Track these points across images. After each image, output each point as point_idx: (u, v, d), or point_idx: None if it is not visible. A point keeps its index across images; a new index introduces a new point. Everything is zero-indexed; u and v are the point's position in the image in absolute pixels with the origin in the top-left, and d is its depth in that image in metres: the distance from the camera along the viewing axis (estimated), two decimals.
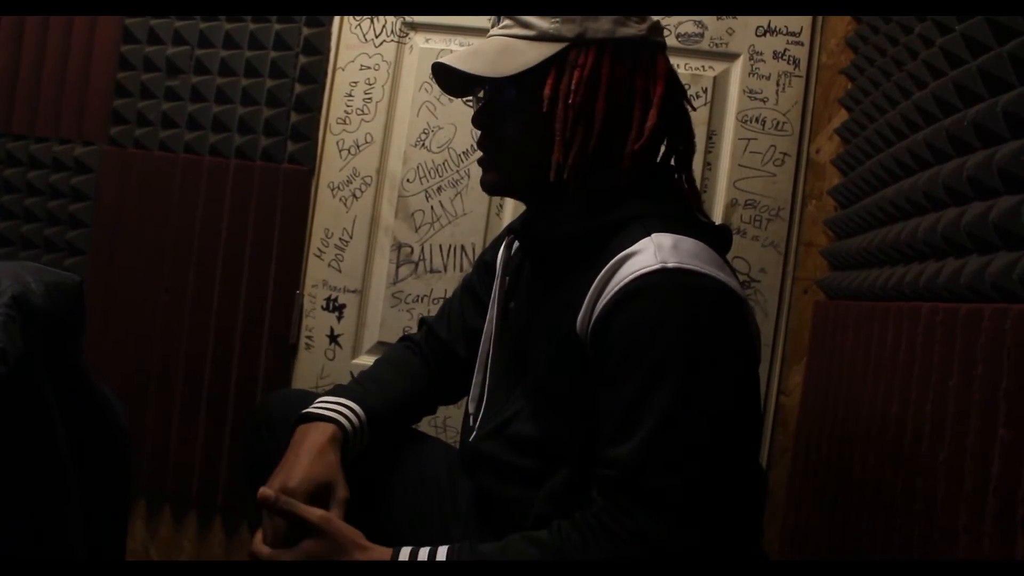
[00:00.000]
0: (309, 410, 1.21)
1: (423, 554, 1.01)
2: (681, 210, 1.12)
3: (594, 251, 1.05)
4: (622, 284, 0.97)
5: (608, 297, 0.99)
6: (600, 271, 1.01)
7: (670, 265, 0.96)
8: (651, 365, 0.94)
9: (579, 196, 1.08)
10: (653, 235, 1.00)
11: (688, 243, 1.00)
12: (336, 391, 1.27)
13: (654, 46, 1.11)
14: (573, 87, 1.06)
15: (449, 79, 1.16)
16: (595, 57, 1.07)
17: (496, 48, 1.10)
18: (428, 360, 1.40)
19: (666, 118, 1.10)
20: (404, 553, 1.01)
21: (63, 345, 1.13)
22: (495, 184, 1.17)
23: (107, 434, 1.24)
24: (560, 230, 1.11)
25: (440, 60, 1.11)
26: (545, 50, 1.07)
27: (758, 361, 1.08)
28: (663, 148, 1.15)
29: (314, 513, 1.02)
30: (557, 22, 1.07)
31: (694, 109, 1.20)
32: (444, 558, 1.00)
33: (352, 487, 1.13)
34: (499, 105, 1.13)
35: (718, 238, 1.11)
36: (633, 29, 1.09)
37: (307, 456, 1.12)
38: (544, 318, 1.13)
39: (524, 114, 1.10)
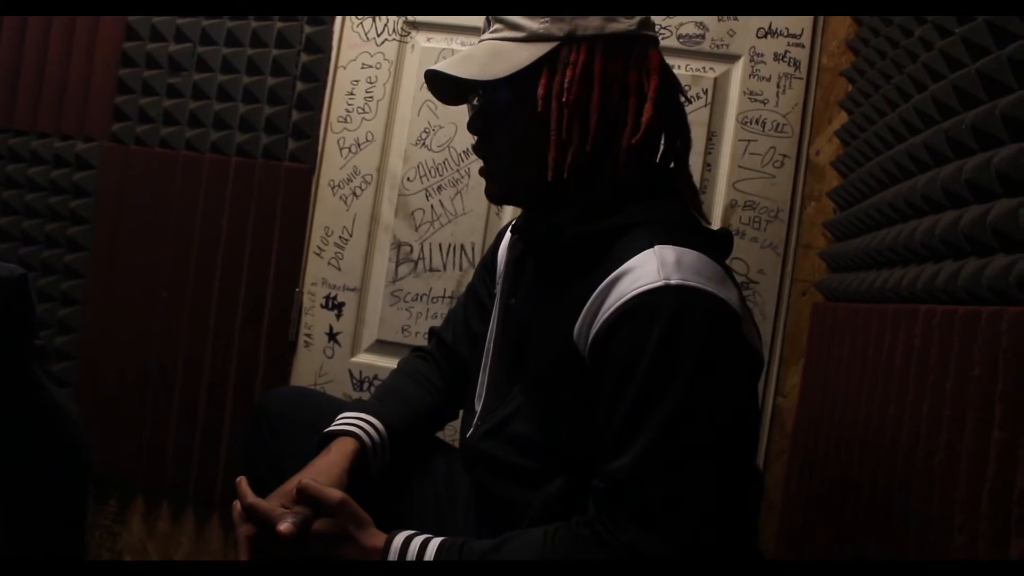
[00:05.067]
0: (331, 428, 1.22)
1: (416, 542, 1.02)
2: (683, 215, 1.11)
3: (596, 256, 1.04)
4: (624, 299, 0.97)
5: (609, 312, 0.98)
6: (601, 280, 1.00)
7: (673, 282, 0.95)
8: (649, 382, 0.94)
9: (579, 198, 1.08)
10: (656, 247, 0.99)
11: (691, 257, 0.99)
12: (357, 406, 1.27)
13: (646, 40, 1.10)
14: (566, 85, 1.05)
15: (443, 86, 1.16)
16: (586, 54, 1.06)
17: (487, 52, 1.09)
18: (443, 367, 1.41)
19: (662, 113, 1.09)
20: (399, 539, 1.02)
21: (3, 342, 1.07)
22: (498, 194, 1.18)
23: (52, 438, 1.18)
24: (561, 234, 1.10)
25: (432, 68, 1.10)
26: (536, 50, 1.07)
27: (758, 375, 1.08)
28: (662, 146, 1.15)
29: (334, 495, 1.03)
30: (547, 22, 1.07)
31: (689, 102, 1.20)
32: (436, 549, 1.01)
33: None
34: (493, 109, 1.12)
35: (719, 244, 1.11)
36: (623, 24, 1.08)
37: (321, 465, 1.14)
38: (544, 318, 1.12)
39: (519, 116, 1.09)
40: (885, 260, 1.47)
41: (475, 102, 1.17)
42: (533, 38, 1.07)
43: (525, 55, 1.07)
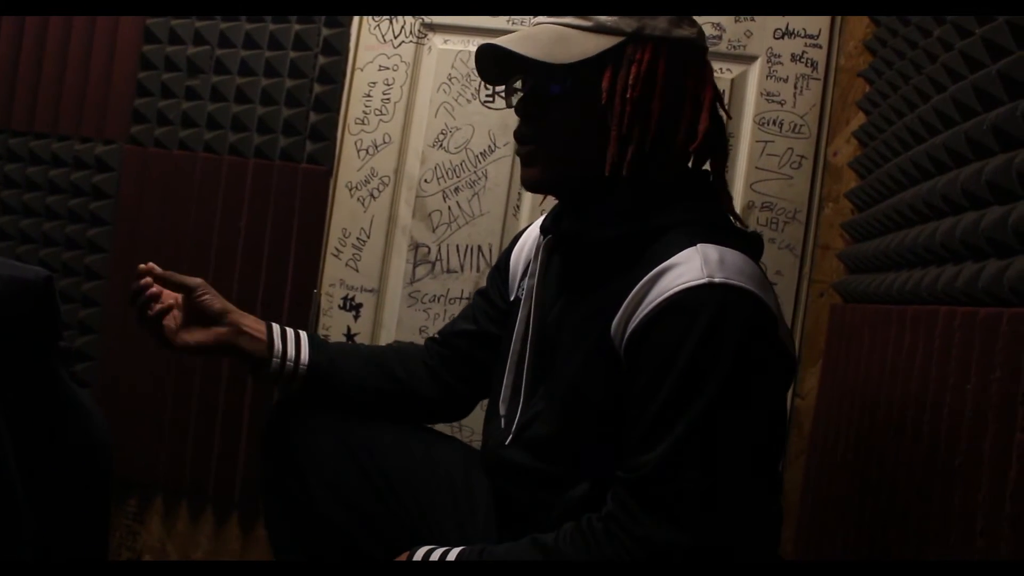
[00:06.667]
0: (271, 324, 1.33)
1: (436, 556, 1.03)
2: (721, 217, 1.12)
3: (634, 255, 1.05)
4: (666, 295, 0.97)
5: (651, 306, 0.98)
6: (642, 277, 1.01)
7: (717, 280, 0.96)
8: (685, 378, 0.95)
9: (621, 196, 1.08)
10: (699, 245, 1.00)
11: (733, 256, 1.00)
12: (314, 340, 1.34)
13: (702, 50, 1.12)
14: (631, 82, 1.05)
15: (488, 64, 1.14)
16: (652, 54, 1.06)
17: (551, 35, 1.07)
18: (432, 358, 1.38)
19: (712, 122, 1.10)
20: (419, 555, 1.04)
21: (25, 345, 1.08)
22: (539, 180, 1.14)
23: (77, 438, 1.19)
24: (600, 232, 1.10)
25: (490, 42, 1.08)
26: (603, 42, 1.06)
27: (790, 379, 1.09)
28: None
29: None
30: (615, 16, 1.07)
31: (729, 117, 1.20)
32: (455, 559, 1.02)
33: (367, 479, 1.19)
34: (548, 93, 1.10)
35: (753, 246, 1.11)
36: (687, 31, 1.09)
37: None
38: (577, 318, 1.12)
39: (576, 105, 1.08)
40: (904, 261, 1.47)
41: (519, 84, 1.16)
42: (600, 29, 1.07)
43: (592, 44, 1.06)
